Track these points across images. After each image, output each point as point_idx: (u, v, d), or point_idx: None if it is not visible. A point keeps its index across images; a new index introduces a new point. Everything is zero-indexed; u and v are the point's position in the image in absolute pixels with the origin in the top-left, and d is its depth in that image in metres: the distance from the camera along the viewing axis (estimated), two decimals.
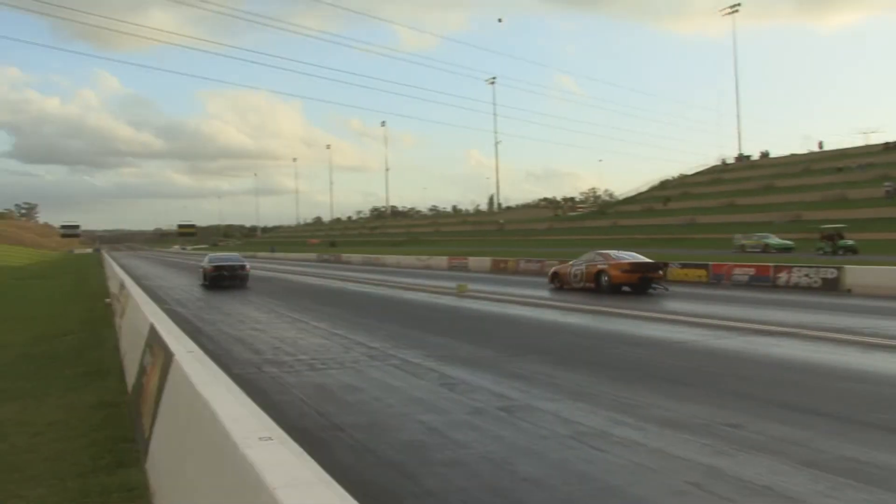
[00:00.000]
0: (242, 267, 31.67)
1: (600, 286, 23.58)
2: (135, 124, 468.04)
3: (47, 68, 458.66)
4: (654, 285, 23.61)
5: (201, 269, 32.81)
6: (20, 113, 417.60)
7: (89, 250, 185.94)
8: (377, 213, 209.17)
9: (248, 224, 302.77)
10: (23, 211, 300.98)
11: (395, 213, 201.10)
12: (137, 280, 29.62)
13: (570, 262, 26.30)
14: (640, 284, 23.42)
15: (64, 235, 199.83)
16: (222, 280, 30.71)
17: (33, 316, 21.25)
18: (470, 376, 9.96)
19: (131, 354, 9.87)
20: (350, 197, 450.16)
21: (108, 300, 22.86)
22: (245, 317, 18.69)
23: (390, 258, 62.46)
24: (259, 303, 22.96)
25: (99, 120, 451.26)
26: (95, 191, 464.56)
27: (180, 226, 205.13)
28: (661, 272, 24.38)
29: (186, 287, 32.26)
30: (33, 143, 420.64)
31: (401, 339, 13.89)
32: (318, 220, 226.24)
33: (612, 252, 25.21)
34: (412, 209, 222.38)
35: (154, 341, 7.24)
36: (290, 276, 41.28)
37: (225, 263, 32.08)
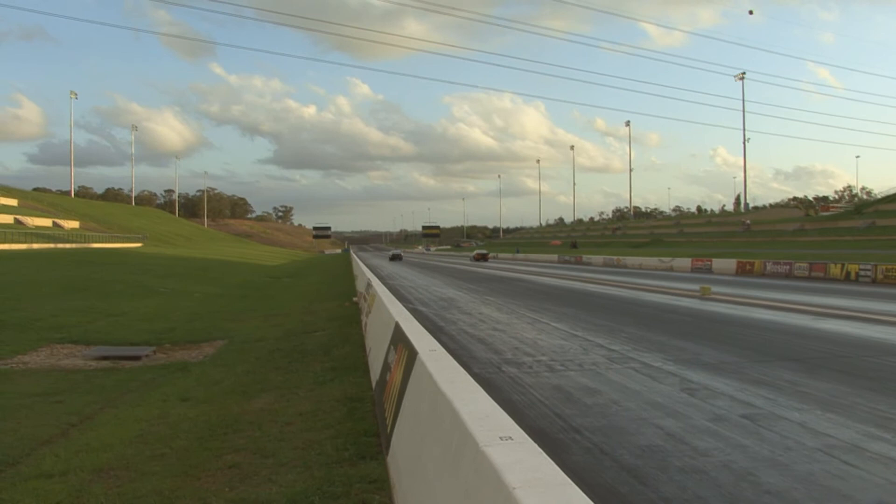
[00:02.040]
0: (400, 254, 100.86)
1: (472, 261, 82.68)
2: (384, 129, 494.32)
3: (305, 79, 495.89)
4: (489, 261, 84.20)
5: (388, 255, 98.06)
6: (281, 121, 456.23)
7: (339, 251, 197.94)
8: (619, 214, 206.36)
9: (490, 225, 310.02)
10: (279, 213, 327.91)
11: (638, 213, 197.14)
12: (383, 280, 31.18)
13: (472, 253, 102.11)
14: (482, 260, 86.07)
15: (315, 236, 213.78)
16: (394, 259, 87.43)
17: (285, 312, 22.95)
18: (711, 381, 9.66)
19: (376, 351, 10.34)
20: (592, 198, 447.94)
21: (354, 299, 24.20)
22: (485, 317, 19.05)
23: (632, 260, 61.51)
24: (499, 303, 23.33)
25: (351, 126, 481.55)
26: (345, 193, 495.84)
27: (424, 227, 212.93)
28: (489, 256, 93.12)
29: (429, 286, 33.50)
30: (291, 149, 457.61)
31: (641, 341, 13.68)
32: (560, 222, 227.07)
33: (477, 250, 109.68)
34: (655, 210, 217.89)
35: (399, 339, 7.51)
36: (531, 277, 41.70)
37: (395, 253, 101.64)
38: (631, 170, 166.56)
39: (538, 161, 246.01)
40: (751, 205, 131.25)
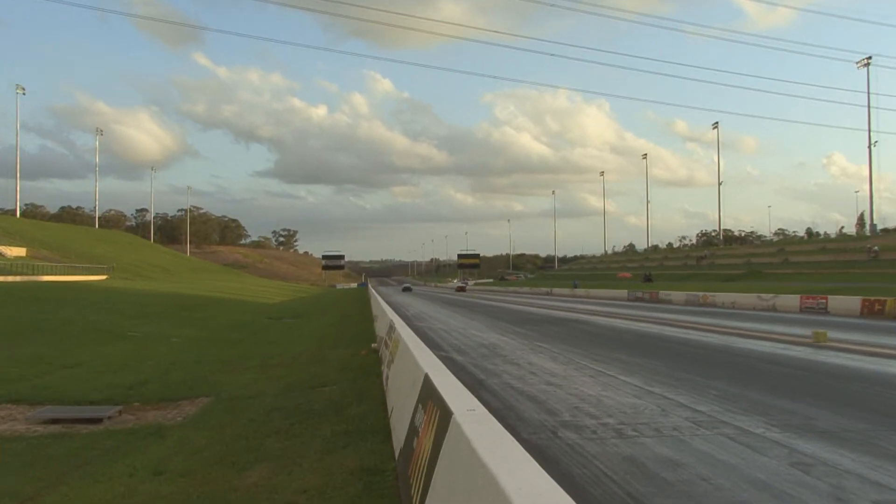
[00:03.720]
0: (411, 287, 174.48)
1: (456, 291, 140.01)
2: (411, 134, 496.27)
3: (313, 72, 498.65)
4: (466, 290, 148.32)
5: (401, 287, 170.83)
6: (283, 125, 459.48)
7: (354, 285, 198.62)
8: (706, 239, 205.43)
9: (542, 253, 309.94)
10: (281, 238, 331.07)
11: (730, 238, 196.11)
12: (409, 321, 31.16)
13: (455, 283, 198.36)
14: (461, 291, 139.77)
15: (325, 267, 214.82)
16: (406, 290, 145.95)
17: (287, 362, 22.99)
18: (832, 455, 9.46)
19: (400, 411, 10.29)
20: (671, 219, 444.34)
21: (373, 345, 24.18)
22: (537, 368, 18.96)
23: (722, 297, 61.08)
24: (554, 351, 23.21)
25: (370, 130, 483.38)
26: (363, 214, 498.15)
27: (461, 255, 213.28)
28: (465, 288, 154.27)
29: (465, 329, 33.42)
30: (296, 159, 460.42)
31: (735, 400, 13.53)
32: (630, 249, 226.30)
33: (458, 279, 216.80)
34: (752, 233, 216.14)
35: (428, 396, 7.47)
36: (593, 318, 41.53)
37: (406, 286, 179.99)
38: (720, 183, 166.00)
39: (602, 173, 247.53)
40: (879, 226, 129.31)
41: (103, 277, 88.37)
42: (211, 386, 18.19)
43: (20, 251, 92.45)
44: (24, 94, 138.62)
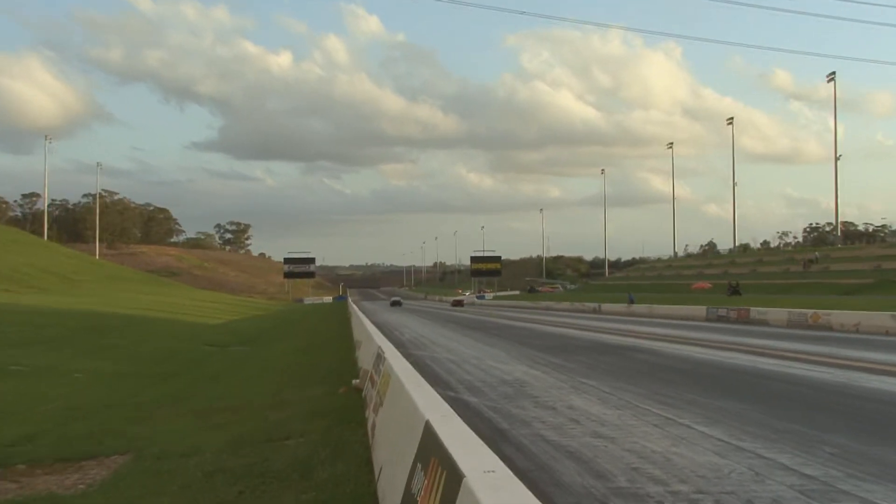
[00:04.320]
0: (400, 300, 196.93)
1: (452, 305, 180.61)
2: (408, 93, 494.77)
3: (273, 5, 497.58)
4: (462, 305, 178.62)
5: (389, 302, 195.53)
6: (231, 79, 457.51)
7: (329, 299, 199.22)
8: (816, 236, 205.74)
9: (588, 255, 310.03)
10: (227, 235, 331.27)
11: (851, 234, 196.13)
12: (403, 348, 31.18)
13: (454, 297, 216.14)
14: (458, 305, 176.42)
15: (289, 275, 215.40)
16: (395, 305, 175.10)
17: (236, 405, 23.02)
18: None
19: (391, 473, 10.28)
20: (767, 207, 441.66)
21: (355, 381, 24.20)
22: (581, 414, 18.96)
23: (841, 316, 61.04)
24: (603, 391, 23.18)
25: (352, 87, 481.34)
26: (341, 202, 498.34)
27: (475, 258, 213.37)
28: (463, 303, 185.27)
29: (481, 359, 33.49)
30: (249, 126, 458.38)
31: (860, 461, 13.44)
32: (709, 249, 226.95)
33: (470, 291, 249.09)
34: (883, 227, 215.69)
35: (431, 451, 7.42)
36: (658, 345, 41.61)
37: (395, 299, 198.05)
38: (837, 157, 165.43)
39: (671, 145, 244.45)
40: None
41: None
42: (129, 440, 18.18)
43: None
44: None
